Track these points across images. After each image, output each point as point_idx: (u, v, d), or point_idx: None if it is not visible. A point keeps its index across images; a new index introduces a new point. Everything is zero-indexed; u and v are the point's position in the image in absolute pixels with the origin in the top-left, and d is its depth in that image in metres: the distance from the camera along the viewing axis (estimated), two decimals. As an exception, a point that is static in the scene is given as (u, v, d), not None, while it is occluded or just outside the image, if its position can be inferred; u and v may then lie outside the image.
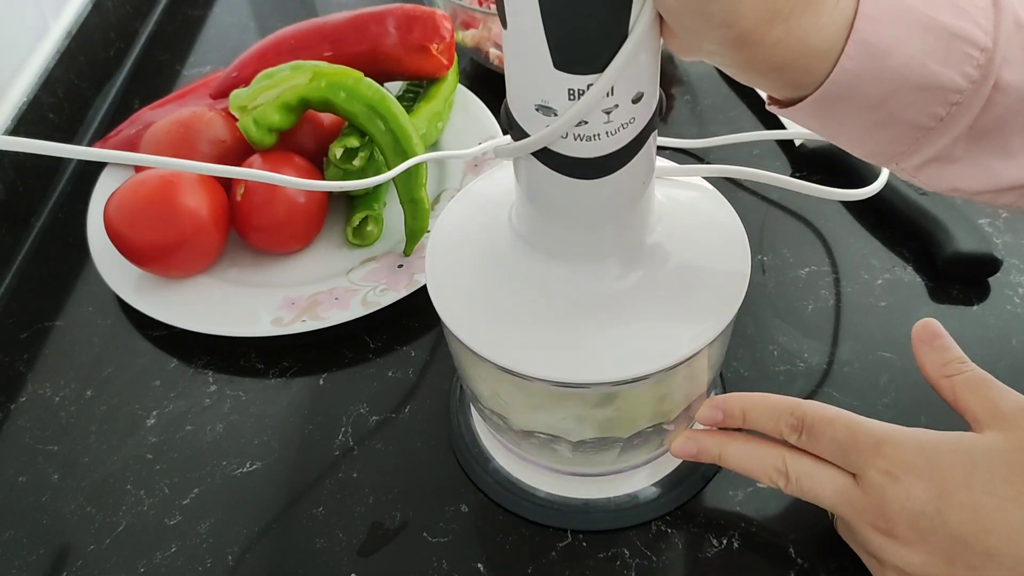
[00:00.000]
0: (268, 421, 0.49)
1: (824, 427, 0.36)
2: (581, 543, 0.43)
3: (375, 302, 0.52)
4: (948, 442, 0.34)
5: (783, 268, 0.54)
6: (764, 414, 0.38)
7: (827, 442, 0.36)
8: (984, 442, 0.34)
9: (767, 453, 0.38)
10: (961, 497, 0.32)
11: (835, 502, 0.36)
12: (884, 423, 0.36)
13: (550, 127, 0.30)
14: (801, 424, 0.36)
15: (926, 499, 0.33)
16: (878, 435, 0.35)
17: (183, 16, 0.83)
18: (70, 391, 0.52)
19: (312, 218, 0.56)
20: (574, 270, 0.35)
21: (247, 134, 0.55)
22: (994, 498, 0.32)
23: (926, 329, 0.39)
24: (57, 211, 0.64)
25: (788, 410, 0.37)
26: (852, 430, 0.35)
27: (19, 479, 0.48)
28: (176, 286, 0.55)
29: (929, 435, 0.35)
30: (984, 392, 0.36)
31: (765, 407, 0.38)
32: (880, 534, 0.34)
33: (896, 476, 0.33)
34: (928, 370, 0.38)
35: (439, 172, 0.62)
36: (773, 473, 0.37)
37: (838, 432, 0.36)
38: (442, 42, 0.61)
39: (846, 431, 0.36)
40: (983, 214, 0.56)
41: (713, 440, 0.39)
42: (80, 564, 0.44)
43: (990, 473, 0.33)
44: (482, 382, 0.39)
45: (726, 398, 0.39)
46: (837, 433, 0.36)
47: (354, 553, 0.43)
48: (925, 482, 0.33)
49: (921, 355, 0.39)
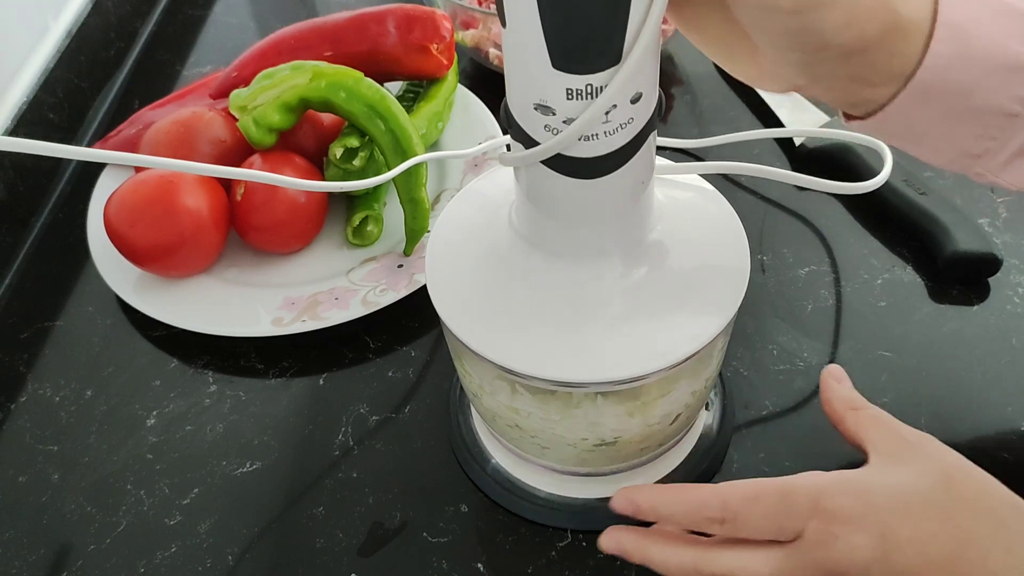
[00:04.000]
0: (268, 421, 0.49)
1: (752, 508, 0.33)
2: (581, 543, 0.43)
3: (375, 302, 0.52)
4: (878, 481, 0.33)
5: (783, 268, 0.54)
6: (678, 509, 0.35)
7: (758, 521, 0.33)
8: (908, 474, 0.33)
9: (682, 559, 0.35)
10: (905, 534, 0.32)
11: (776, 574, 0.34)
12: (809, 475, 0.34)
13: (560, 135, 0.30)
14: (723, 514, 0.34)
15: (872, 546, 0.32)
16: (811, 492, 0.33)
17: (183, 16, 0.83)
18: (70, 391, 0.52)
19: (312, 218, 0.56)
20: (574, 269, 0.35)
21: (247, 134, 0.55)
22: (933, 525, 0.32)
23: (836, 370, 0.40)
24: (57, 211, 0.64)
25: (705, 503, 0.34)
26: (784, 496, 0.33)
27: (19, 479, 0.48)
28: (176, 286, 0.55)
29: (859, 478, 0.34)
30: (888, 424, 0.36)
31: (679, 502, 0.35)
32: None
33: (837, 531, 0.32)
34: (835, 404, 0.38)
35: (439, 172, 0.62)
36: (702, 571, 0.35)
37: (769, 507, 0.33)
38: (442, 42, 0.61)
39: (777, 501, 0.33)
40: (983, 214, 0.56)
41: (632, 541, 0.37)
42: (80, 564, 0.44)
43: (923, 503, 0.32)
44: (483, 385, 0.39)
45: (636, 492, 0.36)
46: (768, 508, 0.33)
47: (354, 553, 0.43)
48: (867, 529, 0.32)
49: (828, 390, 0.39)
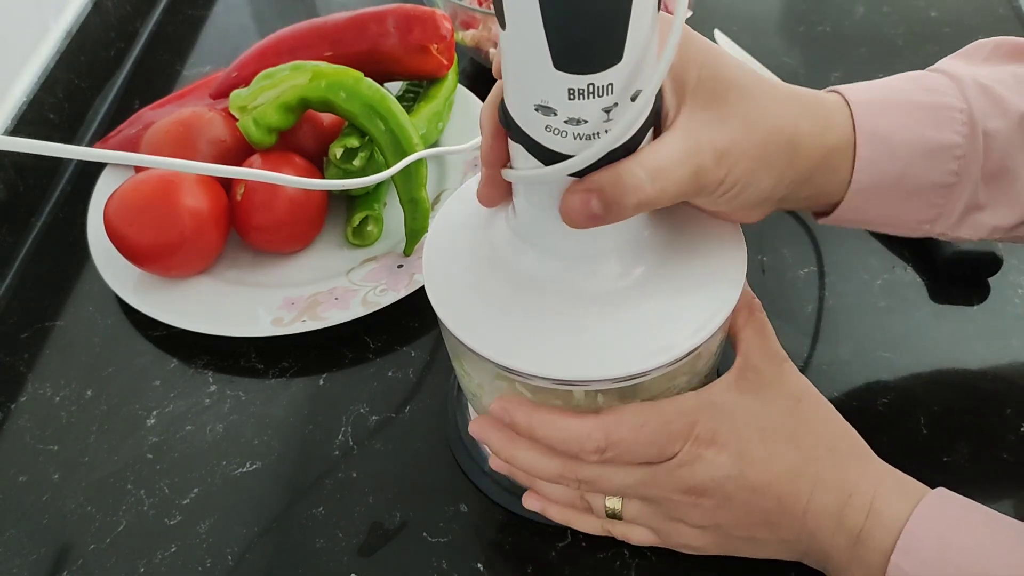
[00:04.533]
0: (268, 421, 0.49)
1: (637, 435, 0.35)
2: (581, 543, 0.43)
3: (375, 302, 0.52)
4: (742, 405, 0.37)
5: (783, 268, 0.54)
6: (556, 436, 0.36)
7: (641, 448, 0.35)
8: (766, 398, 0.37)
9: (549, 465, 0.37)
10: (758, 453, 0.36)
11: (639, 486, 0.36)
12: (682, 400, 0.36)
13: (589, 150, 0.30)
14: (606, 445, 0.35)
15: (730, 464, 0.35)
16: (689, 418, 0.35)
17: (183, 16, 0.83)
18: (70, 391, 0.52)
19: (312, 218, 0.56)
20: (572, 268, 0.35)
21: (247, 134, 0.55)
22: (780, 446, 0.36)
23: None
24: (57, 211, 0.64)
25: (588, 435, 0.35)
26: (666, 423, 0.35)
27: (19, 479, 0.48)
28: (176, 286, 0.55)
29: (726, 402, 0.36)
30: (765, 338, 0.39)
31: (559, 428, 0.36)
32: (690, 497, 0.36)
33: (703, 453, 0.35)
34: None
35: (439, 172, 0.62)
36: (568, 482, 0.37)
37: (652, 433, 0.35)
38: (442, 42, 0.61)
39: (660, 428, 0.35)
40: (983, 214, 0.56)
41: (500, 438, 0.38)
42: (80, 564, 0.44)
43: (775, 426, 0.36)
44: (483, 385, 0.39)
45: (515, 406, 0.37)
46: (652, 435, 0.35)
47: (354, 553, 0.43)
48: (728, 450, 0.35)
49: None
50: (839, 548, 0.35)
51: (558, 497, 0.40)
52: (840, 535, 0.35)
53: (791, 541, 0.37)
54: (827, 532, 0.35)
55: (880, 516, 0.35)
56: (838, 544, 0.35)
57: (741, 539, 0.38)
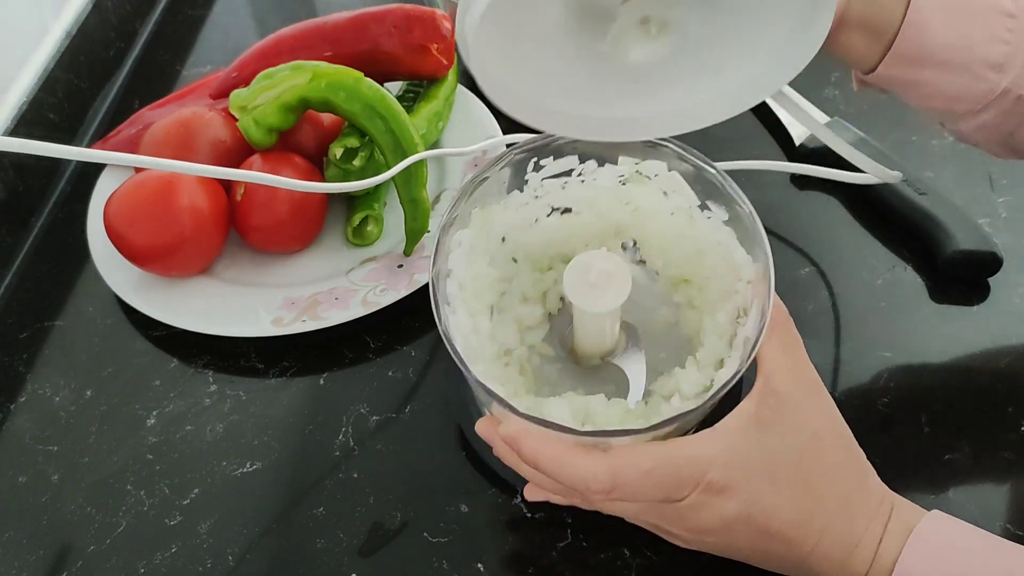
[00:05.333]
0: (268, 421, 0.49)
1: (645, 480, 0.34)
2: (581, 543, 0.43)
3: (375, 302, 0.52)
4: (757, 451, 0.35)
5: (783, 268, 0.54)
6: (562, 474, 0.35)
7: (648, 491, 0.34)
8: (783, 436, 0.35)
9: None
10: (769, 500, 0.34)
11: (644, 515, 0.36)
12: (697, 442, 0.35)
13: None
14: (612, 487, 0.34)
15: (739, 509, 0.34)
16: (701, 466, 0.34)
17: (183, 16, 0.83)
18: (70, 391, 0.52)
19: (312, 218, 0.56)
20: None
21: (247, 134, 0.55)
22: (793, 492, 0.35)
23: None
24: (57, 211, 0.64)
25: (595, 477, 0.34)
26: (677, 471, 0.34)
27: (19, 479, 0.48)
28: (176, 286, 0.55)
29: (741, 447, 0.35)
30: (794, 361, 0.37)
31: (565, 465, 0.35)
32: (693, 535, 0.36)
33: (712, 500, 0.34)
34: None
35: (439, 172, 0.62)
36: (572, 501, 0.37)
37: (661, 479, 0.34)
38: (442, 42, 0.61)
39: (670, 475, 0.34)
40: (983, 214, 0.56)
41: (502, 448, 0.38)
42: (80, 564, 0.44)
43: (788, 472, 0.35)
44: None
45: (523, 437, 0.36)
46: (661, 481, 0.34)
47: (354, 553, 0.43)
48: (739, 497, 0.34)
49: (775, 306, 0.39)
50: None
51: (559, 491, 0.40)
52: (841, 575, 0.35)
53: (789, 570, 0.37)
54: (829, 573, 0.35)
55: (882, 559, 0.35)
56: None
57: (738, 559, 0.37)
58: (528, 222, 0.47)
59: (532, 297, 0.47)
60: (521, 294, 0.47)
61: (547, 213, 0.47)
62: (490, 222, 0.45)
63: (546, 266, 0.48)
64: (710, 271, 0.45)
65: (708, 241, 0.44)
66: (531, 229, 0.47)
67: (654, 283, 0.48)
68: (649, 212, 0.46)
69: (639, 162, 0.45)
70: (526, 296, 0.47)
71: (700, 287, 0.46)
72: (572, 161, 0.45)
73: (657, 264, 0.48)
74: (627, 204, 0.46)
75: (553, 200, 0.47)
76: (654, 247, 0.48)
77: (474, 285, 0.44)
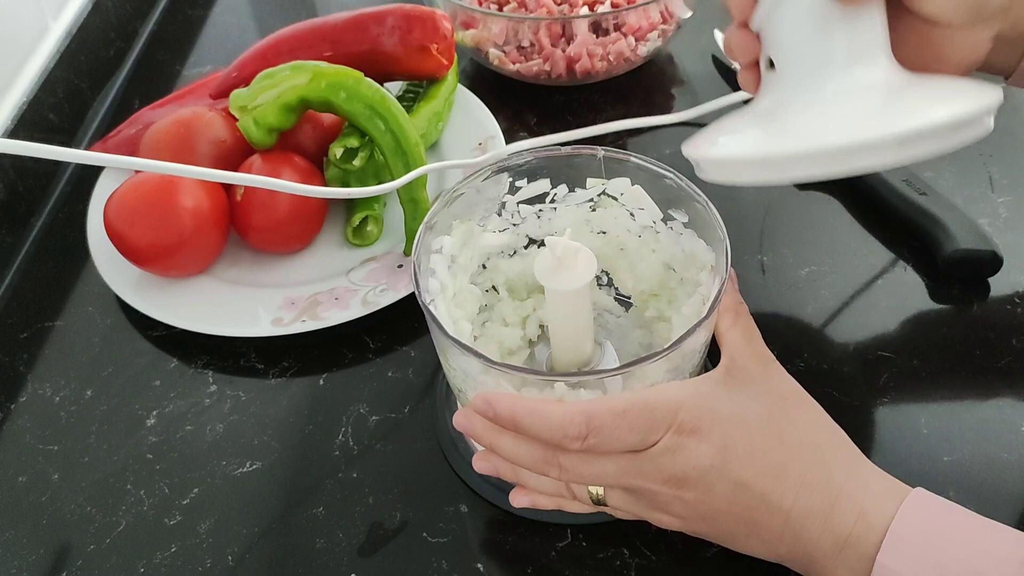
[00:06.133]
0: (268, 421, 0.49)
1: (620, 421, 0.35)
2: (581, 543, 0.43)
3: (375, 302, 0.52)
4: (726, 397, 0.37)
5: (783, 268, 0.54)
6: (540, 425, 0.36)
7: (623, 434, 0.35)
8: (752, 394, 0.37)
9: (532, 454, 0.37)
10: (742, 447, 0.35)
11: (620, 475, 0.36)
12: (667, 388, 0.36)
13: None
14: (588, 431, 0.35)
15: (713, 454, 0.35)
16: (672, 406, 0.35)
17: (183, 16, 0.83)
18: (70, 391, 0.52)
19: (312, 218, 0.56)
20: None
21: (247, 134, 0.55)
22: (766, 442, 0.36)
23: (732, 273, 0.41)
24: (57, 211, 0.64)
25: (570, 420, 0.35)
26: (649, 411, 0.35)
27: (19, 479, 0.48)
28: (176, 286, 0.55)
29: (711, 392, 0.37)
30: (751, 340, 0.39)
31: (541, 416, 0.36)
32: (671, 488, 0.36)
33: (686, 442, 0.35)
34: (724, 301, 0.40)
35: (439, 173, 0.62)
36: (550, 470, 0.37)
37: (635, 420, 0.35)
38: (442, 42, 0.61)
39: (643, 415, 0.35)
40: (983, 214, 0.56)
41: (483, 426, 0.38)
42: (80, 564, 0.44)
43: (761, 422, 0.36)
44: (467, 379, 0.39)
45: (496, 397, 0.37)
46: (634, 422, 0.35)
47: (354, 553, 0.43)
48: (712, 441, 0.35)
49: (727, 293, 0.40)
50: (824, 551, 0.35)
51: (545, 488, 0.40)
52: (826, 537, 0.35)
53: (773, 541, 0.36)
54: (812, 533, 0.35)
55: (868, 519, 0.34)
56: (823, 547, 0.35)
57: (722, 534, 0.37)
58: (507, 252, 0.48)
59: (513, 323, 0.48)
60: (502, 319, 0.48)
61: (524, 244, 0.48)
62: (471, 241, 0.46)
63: (525, 294, 0.49)
64: (676, 281, 0.46)
65: (672, 253, 0.45)
66: (510, 258, 0.48)
67: (626, 311, 0.49)
68: (619, 238, 0.47)
69: (605, 182, 0.45)
70: (507, 321, 0.48)
71: (669, 299, 0.47)
72: (544, 184, 0.46)
73: (628, 286, 0.48)
74: (599, 233, 0.47)
75: (529, 230, 0.48)
76: (624, 270, 0.48)
77: (457, 299, 0.45)
